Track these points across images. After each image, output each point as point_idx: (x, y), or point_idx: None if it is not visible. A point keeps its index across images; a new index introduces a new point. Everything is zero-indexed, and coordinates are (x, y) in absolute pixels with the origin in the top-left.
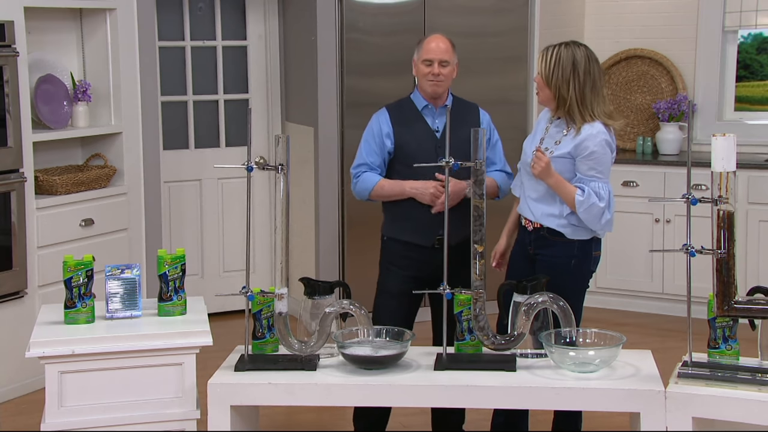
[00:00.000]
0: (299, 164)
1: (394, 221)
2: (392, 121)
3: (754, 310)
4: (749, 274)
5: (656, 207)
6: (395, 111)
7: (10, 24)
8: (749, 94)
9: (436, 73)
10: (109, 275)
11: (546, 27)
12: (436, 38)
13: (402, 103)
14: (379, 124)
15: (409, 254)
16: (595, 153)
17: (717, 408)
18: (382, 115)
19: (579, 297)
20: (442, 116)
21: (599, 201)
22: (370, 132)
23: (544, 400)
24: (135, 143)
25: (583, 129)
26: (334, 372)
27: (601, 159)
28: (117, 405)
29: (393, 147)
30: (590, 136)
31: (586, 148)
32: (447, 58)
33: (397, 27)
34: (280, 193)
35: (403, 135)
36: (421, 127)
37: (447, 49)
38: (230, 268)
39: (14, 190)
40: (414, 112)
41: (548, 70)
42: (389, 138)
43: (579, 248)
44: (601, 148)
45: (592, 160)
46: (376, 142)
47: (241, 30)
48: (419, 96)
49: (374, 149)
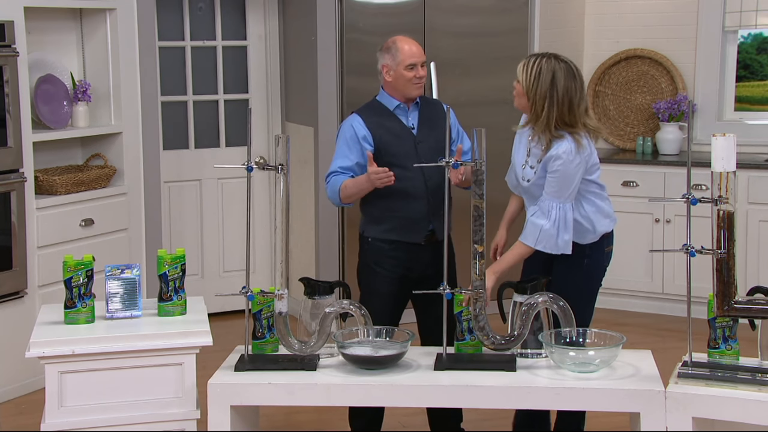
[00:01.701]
0: (299, 164)
1: (376, 221)
2: (367, 124)
3: (754, 310)
4: (749, 274)
5: (656, 207)
6: (367, 114)
7: (10, 24)
8: (749, 94)
9: (420, 76)
10: (109, 275)
11: (546, 27)
12: (407, 41)
13: (371, 106)
14: (353, 128)
15: (396, 254)
16: (557, 173)
17: (717, 408)
18: (354, 120)
19: (592, 296)
20: (414, 112)
21: (546, 222)
22: (343, 138)
23: (544, 400)
24: (135, 143)
25: (552, 146)
26: (334, 372)
27: (562, 179)
28: (117, 405)
29: (373, 149)
30: (555, 156)
31: (551, 167)
32: (424, 58)
33: (397, 27)
34: (280, 193)
35: (382, 136)
36: (396, 126)
37: (421, 50)
38: (230, 268)
39: (14, 190)
40: (386, 113)
41: (528, 81)
42: (366, 141)
43: (591, 246)
44: (564, 168)
45: (553, 178)
46: (350, 148)
47: (241, 30)
48: (388, 97)
49: (347, 154)
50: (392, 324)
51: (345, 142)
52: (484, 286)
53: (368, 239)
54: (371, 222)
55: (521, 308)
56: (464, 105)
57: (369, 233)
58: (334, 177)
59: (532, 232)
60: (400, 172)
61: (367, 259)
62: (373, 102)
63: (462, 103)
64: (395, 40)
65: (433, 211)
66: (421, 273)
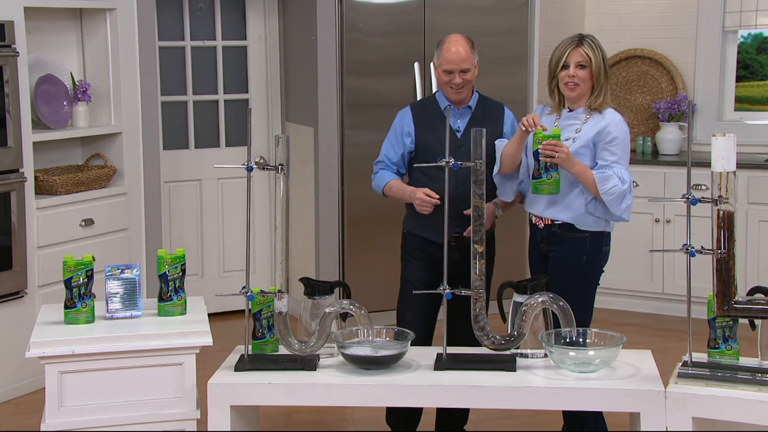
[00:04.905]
0: (299, 164)
1: (412, 216)
2: (415, 121)
3: (754, 310)
4: (749, 274)
5: (656, 207)
6: (418, 110)
7: (10, 24)
8: (749, 94)
9: (458, 83)
10: (109, 275)
11: (546, 27)
12: (455, 42)
13: (426, 102)
14: (402, 122)
15: (426, 248)
16: (618, 139)
17: (717, 408)
18: (405, 114)
19: (590, 294)
20: (465, 116)
21: (622, 184)
22: (393, 129)
23: (544, 400)
24: (135, 143)
25: (606, 114)
26: (334, 372)
27: (623, 145)
28: (117, 405)
29: (413, 146)
30: (614, 122)
31: (609, 134)
32: (467, 65)
33: (397, 27)
34: (280, 193)
35: (425, 135)
36: (442, 128)
37: (467, 56)
38: (230, 268)
39: (14, 190)
40: (437, 112)
41: (598, 61)
42: (410, 137)
43: (591, 243)
44: (624, 135)
45: (615, 146)
46: (397, 139)
47: (241, 30)
48: (443, 96)
49: (394, 146)
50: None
51: (394, 133)
52: (485, 285)
53: (404, 231)
54: (409, 216)
55: (521, 308)
56: None
57: (406, 226)
58: (382, 170)
59: (610, 178)
60: (436, 173)
61: (403, 251)
62: (430, 97)
63: None
64: (446, 39)
65: (461, 214)
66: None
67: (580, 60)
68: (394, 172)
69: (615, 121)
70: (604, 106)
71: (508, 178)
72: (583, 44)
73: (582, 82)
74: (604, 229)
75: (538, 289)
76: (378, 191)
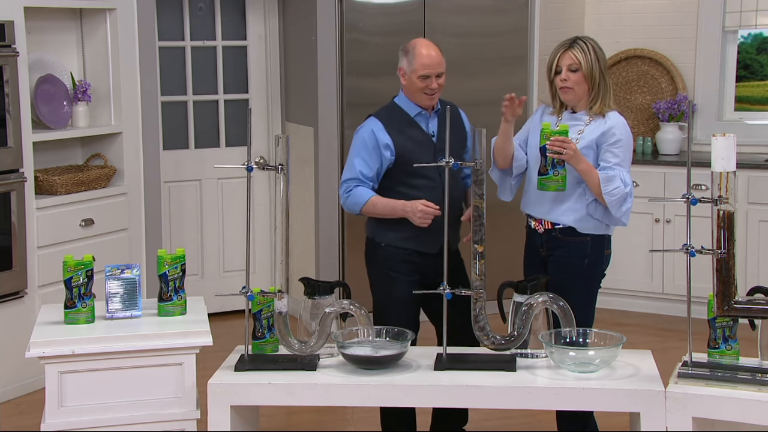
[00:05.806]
0: (299, 164)
1: (391, 227)
2: (388, 131)
3: (754, 310)
4: (749, 274)
5: (656, 207)
6: (388, 120)
7: (10, 24)
8: (749, 94)
9: (434, 88)
10: (109, 275)
11: (546, 27)
12: (428, 46)
13: (391, 110)
14: (374, 135)
15: (412, 259)
16: (621, 141)
17: (717, 408)
18: (375, 125)
19: (592, 297)
20: (434, 119)
21: (624, 186)
22: (363, 143)
23: (544, 400)
24: (135, 143)
25: (609, 116)
26: (334, 372)
27: (626, 148)
28: (117, 405)
29: (393, 157)
30: (617, 124)
31: (613, 135)
32: (442, 69)
33: (397, 27)
34: (280, 193)
35: (403, 144)
36: (417, 134)
37: (440, 59)
38: (230, 268)
39: (14, 190)
40: (406, 119)
41: (589, 63)
42: (389, 149)
43: (592, 246)
44: (627, 138)
45: (618, 148)
46: (370, 154)
47: (241, 30)
48: (408, 102)
49: (367, 161)
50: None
51: (365, 148)
52: (484, 286)
53: (381, 245)
54: (384, 228)
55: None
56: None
57: (382, 239)
58: (357, 187)
59: (614, 179)
60: (420, 181)
61: (380, 265)
62: (392, 106)
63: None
64: (416, 44)
65: (450, 222)
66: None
67: (570, 63)
68: (369, 188)
69: (619, 124)
70: (607, 110)
71: (506, 173)
72: (573, 47)
73: (575, 86)
74: (604, 233)
75: (538, 289)
76: (352, 210)
